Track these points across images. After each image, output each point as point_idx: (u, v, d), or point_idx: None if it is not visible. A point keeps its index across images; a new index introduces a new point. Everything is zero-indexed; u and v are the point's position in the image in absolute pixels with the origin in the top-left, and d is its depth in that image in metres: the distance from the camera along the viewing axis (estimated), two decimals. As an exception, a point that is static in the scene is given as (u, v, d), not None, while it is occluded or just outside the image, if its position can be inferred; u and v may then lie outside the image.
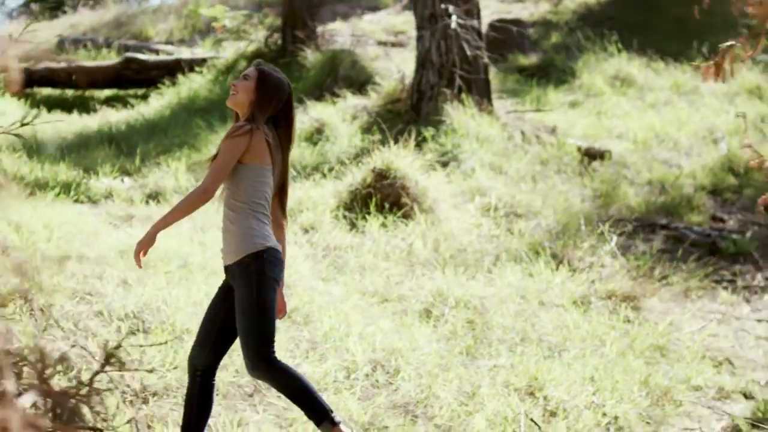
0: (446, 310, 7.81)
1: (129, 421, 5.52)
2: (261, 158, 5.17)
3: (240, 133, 5.10)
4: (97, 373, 4.47)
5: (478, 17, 13.35)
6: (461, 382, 6.64)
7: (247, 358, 5.04)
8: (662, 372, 7.37)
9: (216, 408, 6.07)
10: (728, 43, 5.42)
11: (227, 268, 5.30)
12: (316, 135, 12.68)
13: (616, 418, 6.58)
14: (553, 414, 6.47)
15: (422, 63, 13.10)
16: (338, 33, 19.80)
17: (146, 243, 5.12)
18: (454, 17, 12.84)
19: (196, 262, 8.21)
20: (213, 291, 7.58)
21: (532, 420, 6.21)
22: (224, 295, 5.34)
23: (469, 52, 12.85)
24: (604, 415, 6.57)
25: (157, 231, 5.13)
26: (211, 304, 5.40)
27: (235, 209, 5.21)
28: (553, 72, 17.05)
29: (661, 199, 11.93)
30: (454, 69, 12.87)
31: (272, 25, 17.11)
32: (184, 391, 6.31)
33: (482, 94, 13.09)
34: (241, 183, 5.16)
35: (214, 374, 5.33)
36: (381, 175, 9.90)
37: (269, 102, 5.25)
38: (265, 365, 5.04)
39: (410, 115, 12.99)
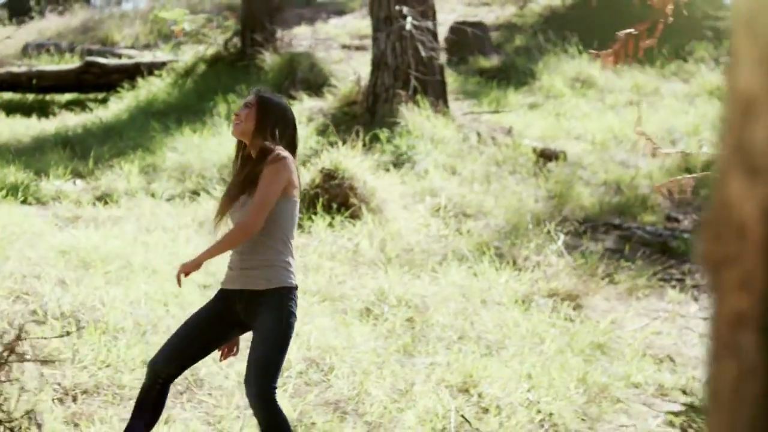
0: (386, 308, 7.78)
1: (26, 414, 5.47)
2: (296, 189, 5.02)
3: (281, 162, 4.91)
4: None
5: (434, 18, 13.35)
6: (395, 380, 6.62)
7: (256, 387, 4.79)
8: (601, 369, 7.36)
9: (145, 406, 6.04)
10: (627, 31, 5.41)
11: (242, 293, 5.03)
12: (272, 138, 12.62)
13: (551, 414, 6.56)
14: (486, 411, 6.45)
15: (378, 65, 13.10)
16: (303, 37, 19.83)
17: (190, 267, 5.03)
18: (409, 19, 12.84)
19: (137, 262, 8.17)
20: (153, 290, 7.60)
21: (462, 416, 6.19)
22: (218, 315, 5.09)
23: (423, 54, 12.85)
24: (539, 412, 6.55)
25: (203, 260, 5.04)
26: (198, 320, 5.11)
27: (272, 239, 4.97)
28: (513, 74, 17.07)
29: (615, 199, 11.94)
30: (409, 71, 12.86)
31: (232, 28, 17.09)
32: (115, 389, 6.29)
33: (438, 95, 13.09)
34: (280, 216, 4.97)
35: (173, 381, 5.22)
36: (329, 176, 9.89)
37: (275, 126, 5.05)
38: (270, 399, 4.85)
39: (366, 117, 12.98)
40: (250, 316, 4.98)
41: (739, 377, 1.35)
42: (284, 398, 6.22)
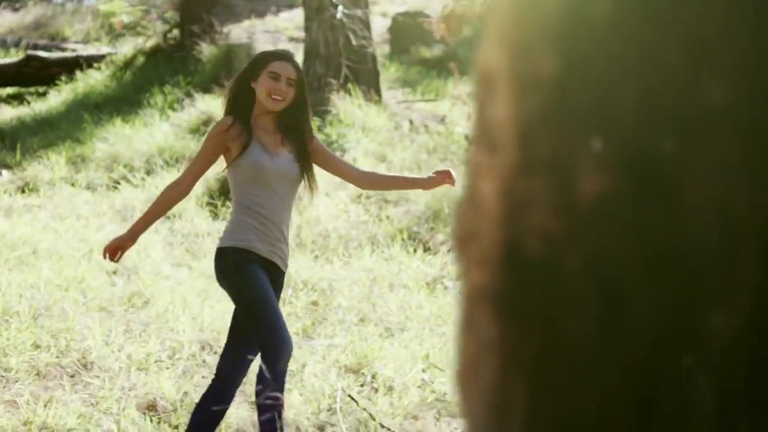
0: (290, 292, 7.76)
1: None
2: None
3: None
4: None
5: (366, 7, 13.34)
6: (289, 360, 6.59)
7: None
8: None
9: (29, 387, 6.01)
10: None
11: (278, 269, 5.04)
12: (203, 127, 12.63)
13: (444, 394, 6.55)
14: (376, 390, 6.43)
15: (310, 54, 13.08)
16: (251, 29, 19.77)
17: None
18: (340, 7, 12.82)
19: (44, 248, 8.13)
20: (54, 275, 7.55)
21: (349, 396, 6.17)
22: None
23: (354, 42, 12.83)
24: (433, 392, 6.53)
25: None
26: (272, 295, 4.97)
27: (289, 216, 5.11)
28: (456, 64, 17.05)
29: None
30: (341, 60, 12.84)
31: (170, 20, 17.06)
32: (1, 372, 6.24)
33: (370, 84, 13.07)
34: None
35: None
36: None
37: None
38: (271, 371, 4.86)
39: (299, 106, 12.92)
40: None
41: (478, 352, 1.37)
42: (172, 378, 6.20)
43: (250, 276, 4.87)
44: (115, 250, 5.05)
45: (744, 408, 1.29)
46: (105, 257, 5.09)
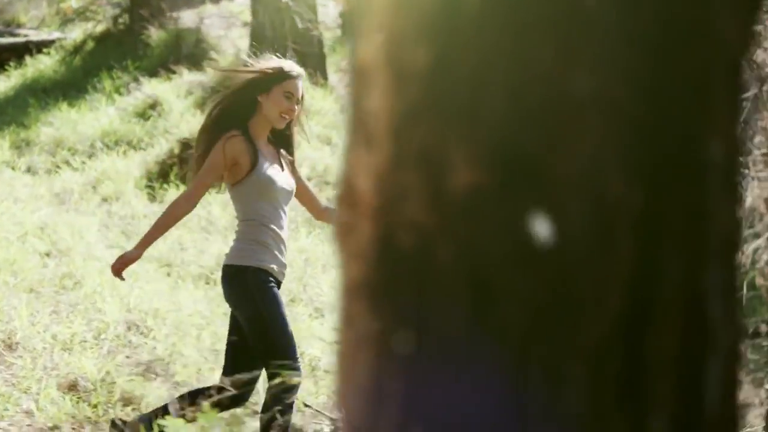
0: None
1: None
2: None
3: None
4: None
5: (312, -10, 13.34)
6: (215, 341, 6.61)
7: None
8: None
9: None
10: None
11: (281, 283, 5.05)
12: (149, 111, 12.59)
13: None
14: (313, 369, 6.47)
15: (256, 37, 13.07)
16: (205, 14, 19.70)
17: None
18: (286, -9, 12.82)
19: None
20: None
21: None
22: None
23: (300, 26, 12.83)
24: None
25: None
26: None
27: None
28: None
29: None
30: (287, 43, 12.82)
31: (121, 4, 16.96)
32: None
33: (316, 67, 13.07)
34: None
35: None
36: (187, 145, 9.86)
37: None
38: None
39: (246, 90, 12.92)
40: None
41: (355, 345, 1.38)
42: (94, 359, 6.20)
43: (272, 299, 4.85)
44: (122, 267, 5.01)
45: (617, 398, 1.30)
46: (116, 276, 5.06)
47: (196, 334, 6.68)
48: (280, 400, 4.74)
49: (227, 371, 5.00)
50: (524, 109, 1.26)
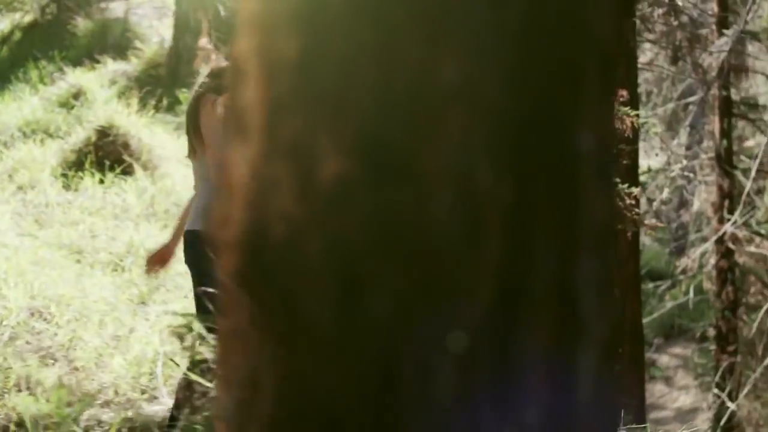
0: (131, 259, 7.76)
1: None
2: None
3: None
4: None
5: (236, -21, 13.29)
6: (118, 327, 6.59)
7: None
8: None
9: None
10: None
11: None
12: (72, 100, 12.54)
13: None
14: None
15: (179, 26, 13.04)
16: (138, 5, 19.69)
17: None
18: (210, -20, 12.76)
19: None
20: None
21: (171, 360, 6.17)
22: None
23: (223, 14, 12.78)
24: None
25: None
26: None
27: None
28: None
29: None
30: (211, 32, 12.77)
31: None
32: None
33: (240, 57, 13.03)
34: None
35: None
36: (103, 134, 9.90)
37: None
38: None
39: (169, 78, 12.94)
40: None
41: (231, 337, 1.37)
42: (-5, 346, 6.17)
43: None
44: (161, 259, 5.07)
45: (486, 389, 1.29)
46: (150, 271, 5.00)
47: (98, 320, 6.65)
48: None
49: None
50: (392, 99, 1.24)
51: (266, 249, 1.31)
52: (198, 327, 4.83)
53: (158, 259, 5.08)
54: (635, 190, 6.33)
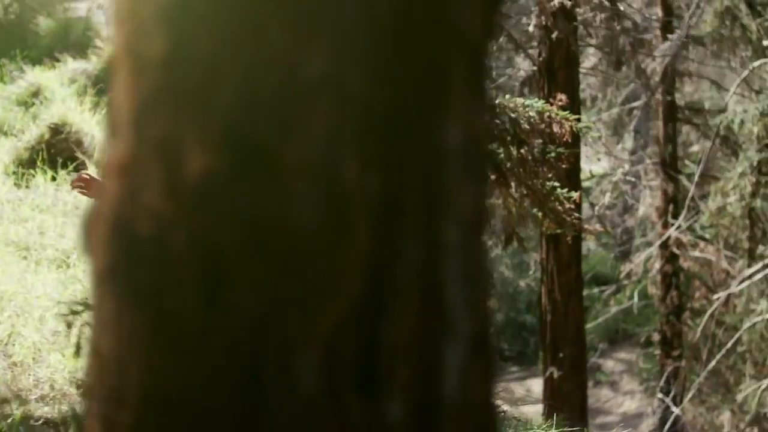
0: (77, 257, 7.77)
1: None
2: None
3: None
4: None
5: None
6: (58, 323, 6.57)
7: None
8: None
9: None
10: None
11: None
12: (32, 98, 12.47)
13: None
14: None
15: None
16: (103, 4, 19.70)
17: None
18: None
19: None
20: None
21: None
22: None
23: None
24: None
25: None
26: None
27: None
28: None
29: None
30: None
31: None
32: None
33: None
34: None
35: None
36: (56, 131, 9.88)
37: None
38: None
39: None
40: None
41: (101, 328, 1.37)
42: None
43: None
44: (89, 185, 4.87)
45: (353, 381, 1.30)
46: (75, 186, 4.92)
47: (39, 315, 6.64)
48: None
49: None
50: (257, 93, 1.25)
51: (134, 244, 1.32)
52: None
53: (87, 183, 4.86)
54: (575, 195, 6.36)
